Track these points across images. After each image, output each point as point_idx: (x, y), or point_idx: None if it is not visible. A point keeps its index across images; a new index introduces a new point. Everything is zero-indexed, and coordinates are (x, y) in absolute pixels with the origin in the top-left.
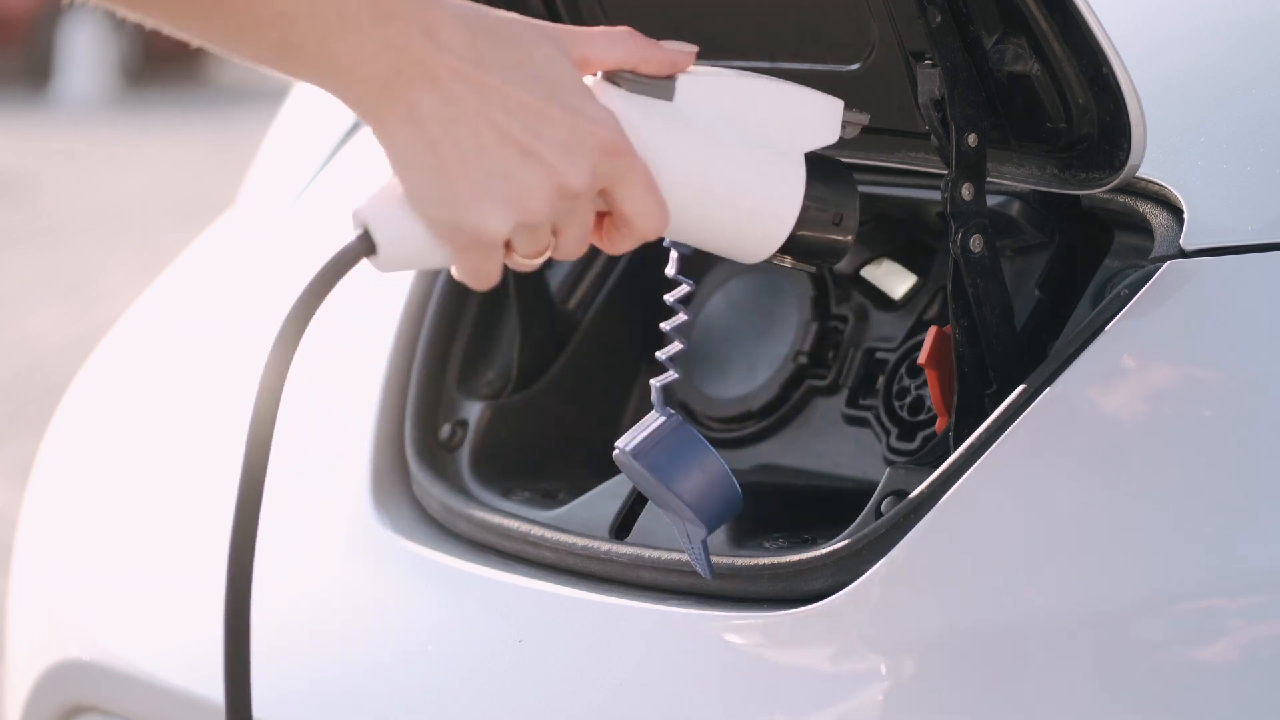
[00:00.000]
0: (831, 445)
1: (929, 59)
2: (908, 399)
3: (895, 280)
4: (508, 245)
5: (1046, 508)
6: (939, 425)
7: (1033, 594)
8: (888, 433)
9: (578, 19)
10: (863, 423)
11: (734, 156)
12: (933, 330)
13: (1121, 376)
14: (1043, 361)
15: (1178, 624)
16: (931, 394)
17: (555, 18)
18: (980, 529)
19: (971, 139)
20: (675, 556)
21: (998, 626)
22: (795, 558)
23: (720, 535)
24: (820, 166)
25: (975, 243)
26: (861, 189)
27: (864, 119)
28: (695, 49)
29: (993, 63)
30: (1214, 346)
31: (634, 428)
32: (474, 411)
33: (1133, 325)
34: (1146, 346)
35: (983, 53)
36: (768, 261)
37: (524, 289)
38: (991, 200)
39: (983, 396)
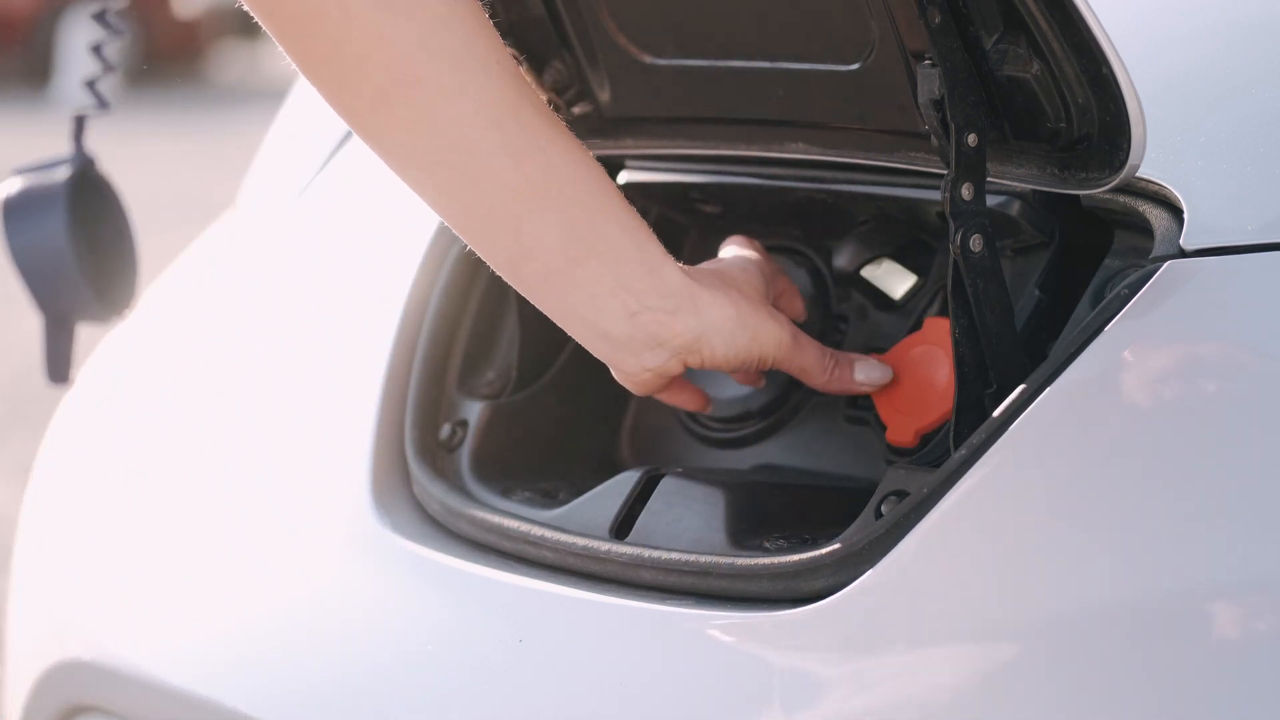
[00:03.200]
0: (831, 445)
1: (929, 59)
2: None
3: (895, 280)
4: None
5: (1046, 508)
6: (891, 436)
7: (1033, 593)
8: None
9: (578, 18)
10: (863, 423)
11: None
12: (872, 358)
13: (1121, 377)
14: (1043, 361)
15: (1177, 623)
16: (881, 412)
17: (554, 16)
18: (980, 529)
19: (971, 139)
20: (675, 556)
21: (997, 626)
22: (795, 558)
23: (720, 535)
24: None
25: (975, 243)
26: (861, 189)
27: None
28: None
29: (992, 63)
30: (1214, 346)
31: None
32: (474, 411)
33: (1133, 325)
34: (1146, 346)
35: (982, 53)
36: None
37: None
38: (991, 200)
39: (983, 396)
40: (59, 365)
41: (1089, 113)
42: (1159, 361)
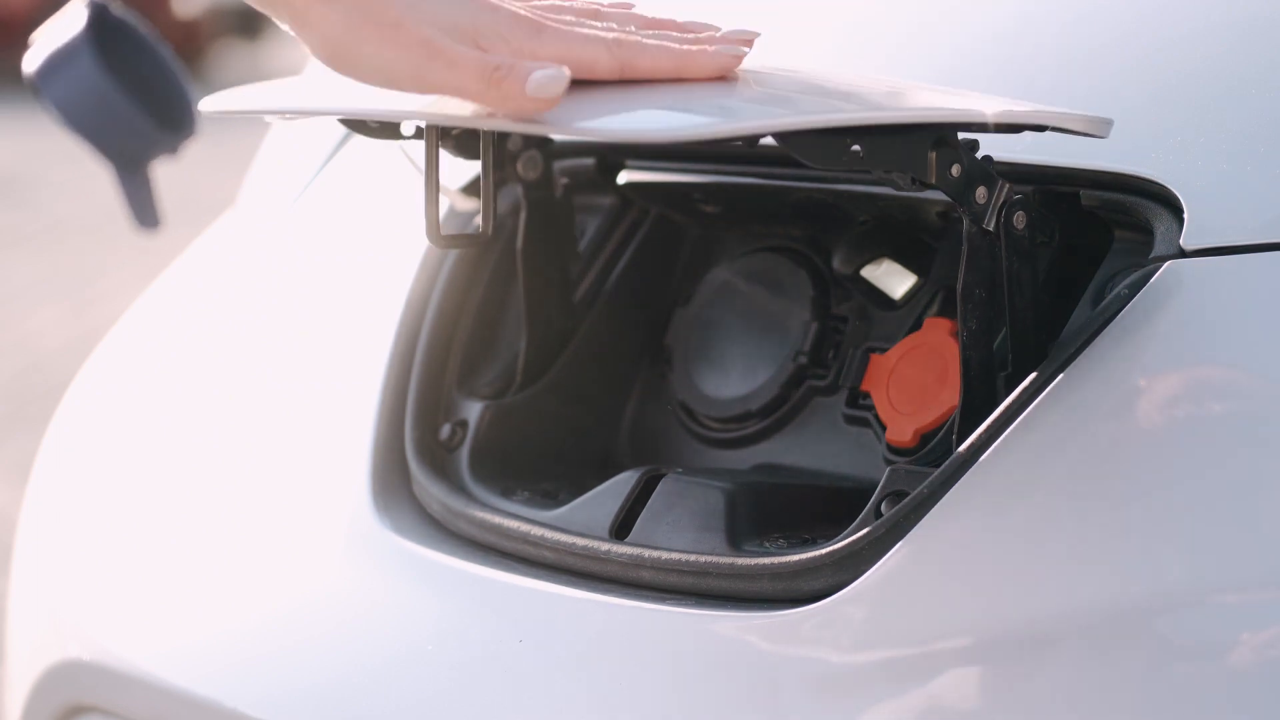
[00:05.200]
0: (831, 445)
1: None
2: None
3: (895, 280)
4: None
5: (1047, 508)
6: (891, 436)
7: (1032, 595)
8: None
9: None
10: (863, 423)
11: None
12: (872, 358)
13: (1121, 377)
14: (1043, 361)
15: (1178, 624)
16: (881, 411)
17: None
18: (980, 529)
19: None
20: (675, 556)
21: (997, 627)
22: (795, 558)
23: (720, 535)
24: None
25: (1019, 220)
26: (861, 189)
27: None
28: None
29: None
30: (1214, 346)
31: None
32: (474, 411)
33: (1133, 325)
34: (1146, 346)
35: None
36: None
37: (531, 286)
38: None
39: (993, 384)
40: (145, 211)
41: None
42: (1159, 362)
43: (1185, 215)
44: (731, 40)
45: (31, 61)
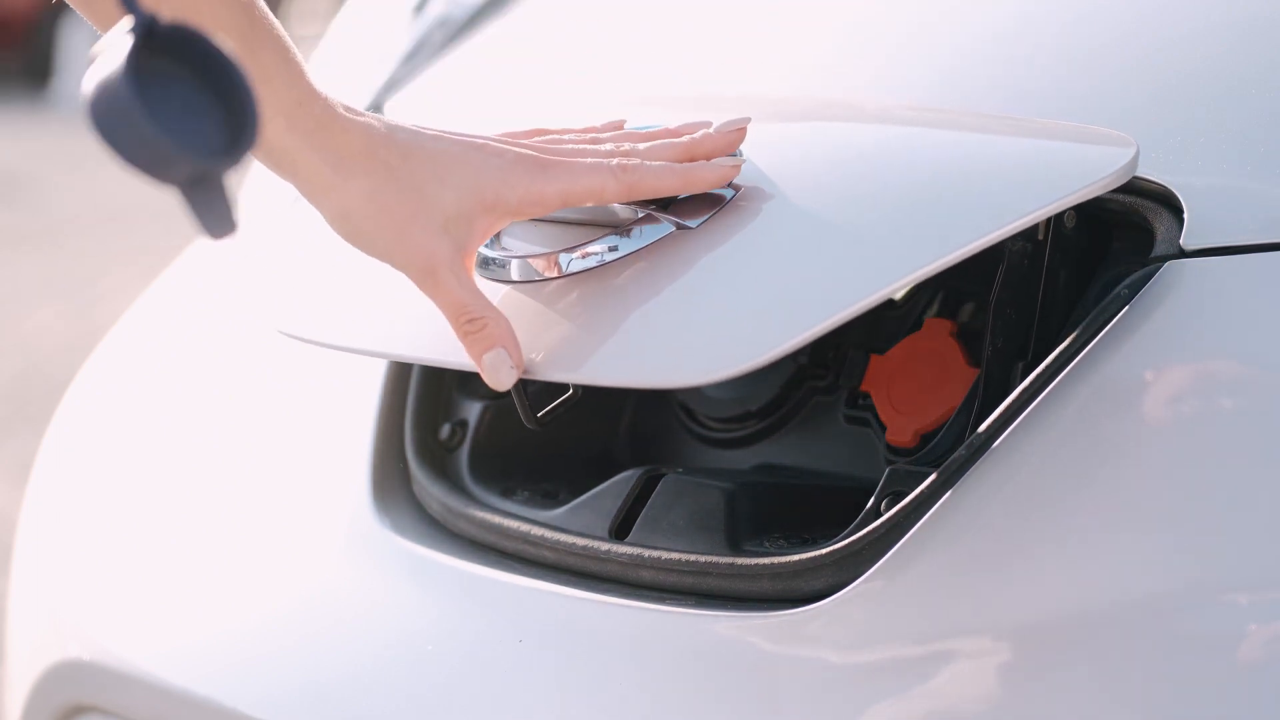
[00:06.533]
0: (831, 445)
1: None
2: None
3: None
4: None
5: (1047, 508)
6: (891, 436)
7: (1032, 594)
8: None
9: None
10: (863, 423)
11: None
12: (872, 358)
13: (1121, 376)
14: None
15: (1178, 623)
16: (881, 412)
17: None
18: (980, 529)
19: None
20: (675, 556)
21: (997, 626)
22: (795, 558)
23: (720, 535)
24: None
25: (1069, 218)
26: None
27: None
28: None
29: None
30: (1214, 346)
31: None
32: (474, 411)
33: (1133, 325)
34: (1146, 346)
35: None
36: None
37: None
38: None
39: (1010, 373)
40: (219, 221)
41: None
42: (1159, 361)
43: (1185, 215)
44: (726, 134)
45: (85, 89)
